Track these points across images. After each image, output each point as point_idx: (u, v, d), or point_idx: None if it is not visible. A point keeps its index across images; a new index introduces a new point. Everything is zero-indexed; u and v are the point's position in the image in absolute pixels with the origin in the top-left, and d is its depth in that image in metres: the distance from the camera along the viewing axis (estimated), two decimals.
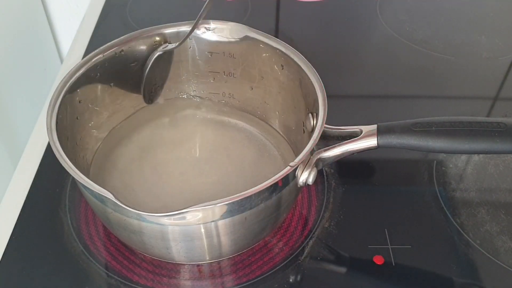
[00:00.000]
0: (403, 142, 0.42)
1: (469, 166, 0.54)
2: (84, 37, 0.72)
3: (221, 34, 0.51)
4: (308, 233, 0.48)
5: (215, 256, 0.44)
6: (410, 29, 0.74)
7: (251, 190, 0.37)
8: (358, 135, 0.43)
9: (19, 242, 0.47)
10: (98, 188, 0.37)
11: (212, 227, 0.39)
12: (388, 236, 0.47)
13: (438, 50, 0.70)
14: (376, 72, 0.67)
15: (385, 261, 0.45)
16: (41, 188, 0.51)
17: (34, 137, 0.57)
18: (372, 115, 0.60)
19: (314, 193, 0.51)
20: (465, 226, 0.48)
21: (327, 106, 0.43)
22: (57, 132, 0.41)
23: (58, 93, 0.44)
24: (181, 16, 0.75)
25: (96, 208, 0.42)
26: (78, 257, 0.46)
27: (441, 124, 0.41)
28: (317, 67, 0.46)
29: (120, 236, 0.44)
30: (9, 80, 0.78)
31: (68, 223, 0.48)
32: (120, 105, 0.53)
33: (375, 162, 0.54)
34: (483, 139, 0.40)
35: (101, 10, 0.77)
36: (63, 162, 0.38)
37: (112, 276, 0.44)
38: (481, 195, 0.51)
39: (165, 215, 0.36)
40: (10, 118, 0.78)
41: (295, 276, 0.45)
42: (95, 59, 0.47)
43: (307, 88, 0.46)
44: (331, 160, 0.43)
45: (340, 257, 0.46)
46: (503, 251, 0.46)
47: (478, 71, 0.67)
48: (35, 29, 0.89)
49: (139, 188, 0.49)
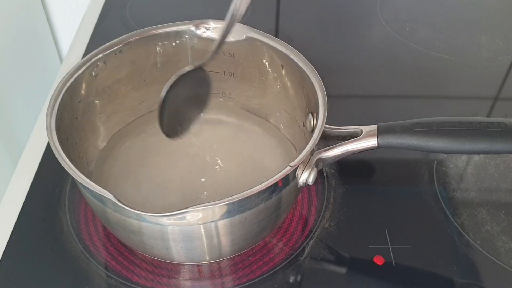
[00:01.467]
0: (403, 142, 0.42)
1: (470, 166, 0.54)
2: (84, 37, 0.72)
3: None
4: (308, 233, 0.48)
5: (215, 257, 0.44)
6: (411, 29, 0.74)
7: (251, 190, 0.37)
8: (358, 135, 0.43)
9: (19, 242, 0.47)
10: (97, 188, 0.37)
11: (212, 227, 0.39)
12: (389, 236, 0.47)
13: (438, 50, 0.70)
14: (376, 72, 0.67)
15: (386, 261, 0.45)
16: (40, 188, 0.51)
17: (34, 137, 0.57)
18: (372, 115, 0.60)
19: (314, 193, 0.51)
20: (466, 226, 0.48)
21: (327, 106, 0.43)
22: (56, 132, 0.41)
23: (58, 93, 0.44)
24: (181, 16, 0.75)
25: (95, 208, 0.42)
26: (78, 257, 0.46)
27: (441, 124, 0.41)
28: (317, 67, 0.46)
29: (119, 236, 0.44)
30: (9, 80, 0.78)
31: (68, 223, 0.48)
32: (120, 105, 0.53)
33: (375, 162, 0.54)
34: (483, 139, 0.40)
35: (101, 10, 0.77)
36: (63, 162, 0.38)
37: (111, 276, 0.44)
38: (482, 195, 0.51)
39: (165, 215, 0.36)
40: (10, 118, 0.78)
41: (295, 276, 0.45)
42: (95, 59, 0.47)
43: (307, 88, 0.46)
44: (331, 160, 0.43)
45: (340, 257, 0.46)
46: (503, 251, 0.46)
47: (479, 71, 0.67)
48: (35, 29, 0.89)
49: (139, 188, 0.49)
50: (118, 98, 0.52)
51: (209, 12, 0.76)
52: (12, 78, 0.79)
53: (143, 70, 0.52)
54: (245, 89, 0.54)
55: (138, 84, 0.53)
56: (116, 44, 0.49)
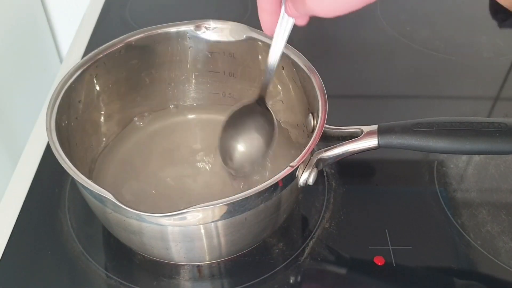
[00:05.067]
0: (403, 142, 0.42)
1: (470, 167, 0.54)
2: (84, 37, 0.72)
3: (221, 34, 0.51)
4: (308, 233, 0.47)
5: (215, 257, 0.44)
6: (411, 29, 0.74)
7: (251, 191, 0.37)
8: (359, 135, 0.43)
9: (19, 242, 0.47)
10: (97, 188, 0.37)
11: (212, 228, 0.39)
12: (389, 236, 0.47)
13: (439, 50, 0.69)
14: (376, 72, 0.67)
15: (386, 261, 0.45)
16: (40, 188, 0.51)
17: (34, 137, 0.57)
18: (372, 115, 0.60)
19: (315, 194, 0.51)
20: (466, 226, 0.48)
21: (327, 106, 0.43)
22: (56, 132, 0.41)
23: (57, 93, 0.44)
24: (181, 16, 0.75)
25: (95, 208, 0.42)
26: (78, 257, 0.45)
27: (441, 125, 0.41)
28: (317, 67, 0.46)
29: (119, 237, 0.44)
30: (9, 80, 0.78)
31: (68, 223, 0.48)
32: (120, 105, 0.53)
33: (375, 163, 0.54)
34: (484, 139, 0.40)
35: (101, 10, 0.77)
36: (63, 162, 0.38)
37: (111, 277, 0.44)
38: (482, 195, 0.51)
39: (165, 215, 0.36)
40: (10, 118, 0.78)
41: (296, 277, 0.44)
42: (94, 59, 0.47)
43: (307, 88, 0.46)
44: (331, 160, 0.43)
45: (341, 257, 0.46)
46: (504, 251, 0.46)
47: (479, 71, 0.67)
48: (35, 29, 0.89)
49: (139, 189, 0.49)
50: (118, 98, 0.52)
51: (209, 12, 0.76)
52: (12, 78, 0.79)
53: (143, 70, 0.52)
54: (245, 89, 0.54)
55: (138, 84, 0.53)
56: (116, 44, 0.49)
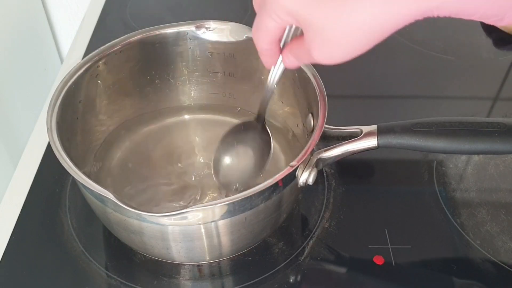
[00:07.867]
0: (403, 142, 0.42)
1: (469, 166, 0.54)
2: (84, 37, 0.72)
3: (221, 34, 0.51)
4: (308, 233, 0.48)
5: (215, 256, 0.44)
6: (410, 29, 0.73)
7: (251, 190, 0.37)
8: (358, 135, 0.43)
9: (19, 242, 0.47)
10: (98, 188, 0.37)
11: (212, 227, 0.39)
12: (388, 236, 0.47)
13: (438, 51, 0.70)
14: (376, 72, 0.67)
15: (385, 261, 0.45)
16: (41, 188, 0.51)
17: (34, 137, 0.57)
18: (372, 115, 0.60)
19: (314, 193, 0.51)
20: (465, 226, 0.48)
21: (327, 106, 0.43)
22: (57, 132, 0.41)
23: (58, 93, 0.44)
24: (181, 16, 0.75)
25: (96, 208, 0.42)
26: (78, 257, 0.46)
27: (441, 125, 0.41)
28: (317, 67, 0.46)
29: (120, 236, 0.44)
30: (9, 80, 0.78)
31: (68, 223, 0.48)
32: (120, 105, 0.53)
33: (375, 162, 0.54)
34: (483, 140, 0.40)
35: (101, 10, 0.77)
36: (64, 162, 0.38)
37: (112, 276, 0.44)
38: (481, 195, 0.51)
39: (165, 215, 0.36)
40: (10, 118, 0.78)
41: (295, 276, 0.45)
42: (95, 59, 0.47)
43: (307, 88, 0.46)
44: (331, 160, 0.43)
45: (340, 257, 0.46)
46: (503, 251, 0.46)
47: (478, 71, 0.67)
48: (35, 29, 0.89)
49: (139, 188, 0.49)
50: (118, 98, 0.52)
51: (209, 12, 0.76)
52: (13, 78, 0.79)
53: (144, 70, 0.52)
54: (245, 89, 0.54)
55: (138, 84, 0.53)
56: (116, 44, 0.49)
